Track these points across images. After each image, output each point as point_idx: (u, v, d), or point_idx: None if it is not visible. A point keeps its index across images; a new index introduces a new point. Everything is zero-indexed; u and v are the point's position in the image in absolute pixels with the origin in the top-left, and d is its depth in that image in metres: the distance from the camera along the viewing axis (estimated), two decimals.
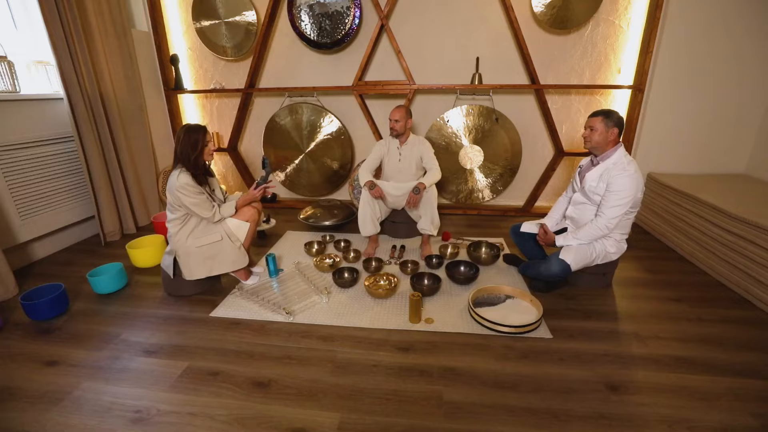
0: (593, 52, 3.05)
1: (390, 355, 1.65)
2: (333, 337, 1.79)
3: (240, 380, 1.53)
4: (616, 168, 1.88)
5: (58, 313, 1.97)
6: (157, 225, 2.81)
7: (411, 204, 2.46)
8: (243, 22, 3.18)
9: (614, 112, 1.91)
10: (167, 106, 3.44)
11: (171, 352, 1.70)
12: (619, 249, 2.03)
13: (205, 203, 1.99)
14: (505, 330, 1.76)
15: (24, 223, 2.40)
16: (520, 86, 3.01)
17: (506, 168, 3.29)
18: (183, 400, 1.43)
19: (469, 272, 2.27)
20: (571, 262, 1.93)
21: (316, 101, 3.37)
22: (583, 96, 3.19)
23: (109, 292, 2.16)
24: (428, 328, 1.83)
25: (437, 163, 2.62)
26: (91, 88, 2.63)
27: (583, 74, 3.12)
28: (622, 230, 2.01)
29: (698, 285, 2.21)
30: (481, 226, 3.18)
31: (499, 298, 2.04)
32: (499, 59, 3.15)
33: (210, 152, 2.07)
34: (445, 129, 3.24)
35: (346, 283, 2.17)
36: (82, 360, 1.65)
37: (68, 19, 2.44)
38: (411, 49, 3.23)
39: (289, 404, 1.41)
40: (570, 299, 2.06)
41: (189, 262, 2.03)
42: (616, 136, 1.92)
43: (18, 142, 2.35)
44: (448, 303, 2.03)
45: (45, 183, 2.51)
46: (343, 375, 1.55)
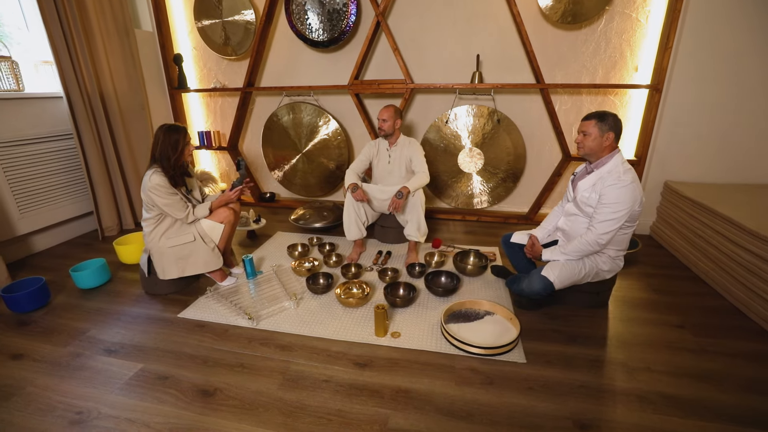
0: (607, 48, 2.81)
1: (345, 371, 1.56)
2: (292, 346, 1.72)
3: (187, 386, 1.49)
4: (610, 177, 1.69)
5: (39, 306, 2.02)
6: None
7: (393, 208, 2.35)
8: (242, 21, 3.18)
9: (609, 115, 1.72)
10: (171, 104, 3.50)
11: (130, 353, 1.69)
12: (613, 267, 1.83)
13: (178, 204, 1.98)
14: (474, 351, 1.62)
15: (23, 217, 2.51)
16: (523, 85, 2.82)
17: (508, 173, 3.11)
18: (125, 404, 1.41)
19: (450, 284, 2.14)
20: (555, 279, 1.76)
21: (313, 101, 3.33)
22: (595, 96, 2.95)
23: (91, 287, 2.21)
24: (393, 342, 1.72)
25: (426, 166, 2.49)
26: (91, 87, 2.70)
27: (595, 73, 2.88)
28: (617, 246, 1.81)
29: (710, 310, 1.96)
30: (478, 233, 3.01)
31: (478, 314, 1.90)
32: (504, 57, 2.97)
33: (190, 152, 2.06)
34: (444, 130, 3.09)
35: (319, 290, 2.10)
36: (46, 355, 1.68)
37: (68, 20, 2.52)
38: (411, 46, 3.11)
39: (227, 417, 1.35)
40: (556, 319, 1.89)
41: (162, 261, 2.03)
42: (612, 141, 1.72)
43: (18, 139, 2.45)
44: (422, 316, 1.91)
45: (44, 179, 2.61)
46: (290, 389, 1.47)
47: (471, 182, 3.20)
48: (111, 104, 2.88)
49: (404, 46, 3.12)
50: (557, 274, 1.76)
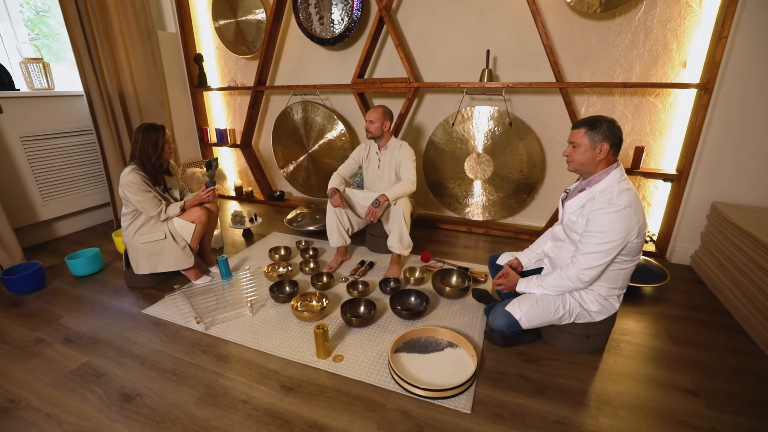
0: (647, 40, 2.35)
1: (268, 393, 1.45)
2: (230, 357, 1.65)
3: (114, 388, 1.49)
4: (601, 198, 1.37)
5: (34, 289, 2.19)
6: None
7: (369, 217, 2.19)
8: (254, 21, 3.20)
9: (603, 121, 1.39)
10: (192, 102, 3.66)
11: (85, 344, 1.75)
12: (605, 308, 1.50)
13: (151, 201, 2.01)
14: (415, 391, 1.41)
15: (45, 204, 2.76)
16: (539, 85, 2.47)
17: (521, 182, 2.76)
18: (52, 398, 1.44)
19: (419, 306, 1.92)
20: (522, 316, 1.48)
21: (319, 100, 3.26)
22: (630, 97, 2.50)
23: (84, 274, 2.35)
24: (331, 367, 1.57)
25: (413, 173, 2.29)
26: (111, 86, 2.89)
27: (631, 69, 2.43)
28: (611, 284, 1.47)
29: (741, 375, 1.53)
30: (481, 249, 2.73)
31: (438, 345, 1.67)
32: (521, 53, 2.64)
33: (170, 151, 2.09)
34: (452, 133, 2.84)
35: (281, 298, 2.01)
36: (15, 338, 1.79)
37: (90, 23, 2.71)
38: (420, 43, 2.90)
39: (132, 427, 1.31)
40: (531, 362, 1.60)
41: (135, 256, 2.09)
42: (608, 153, 1.40)
43: (44, 133, 2.69)
44: (376, 340, 1.73)
45: (66, 170, 2.85)
46: (205, 405, 1.40)
47: (478, 191, 2.91)
48: (130, 102, 3.06)
49: (413, 42, 2.92)
50: (525, 311, 1.48)
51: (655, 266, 2.16)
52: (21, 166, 2.61)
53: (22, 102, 2.58)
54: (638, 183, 2.64)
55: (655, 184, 2.60)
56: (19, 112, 2.57)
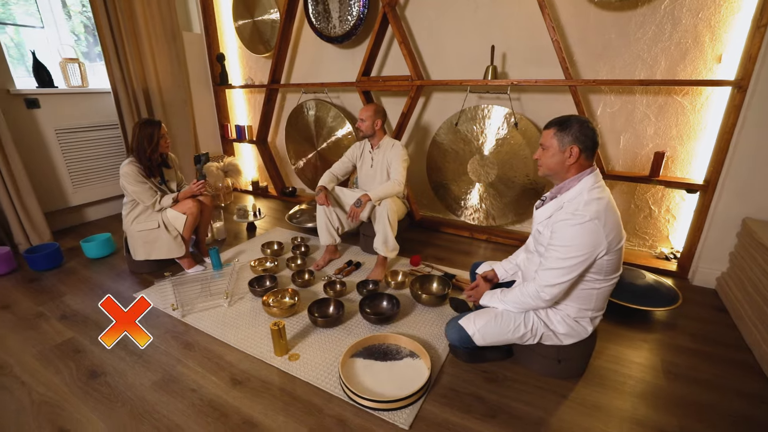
0: (674, 32, 2.08)
1: (217, 384, 1.48)
2: (194, 345, 1.70)
3: (86, 365, 1.59)
4: (568, 208, 1.23)
5: (51, 267, 2.42)
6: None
7: (350, 217, 2.15)
8: (269, 20, 3.29)
9: (574, 121, 1.24)
10: (214, 99, 3.85)
11: (76, 322, 1.89)
12: (574, 331, 1.34)
13: (146, 192, 2.13)
14: (356, 399, 1.36)
15: (75, 191, 3.04)
16: (546, 82, 2.27)
17: (527, 187, 2.58)
18: (32, 368, 1.57)
19: (389, 310, 1.86)
20: (476, 332, 1.37)
21: (327, 98, 3.27)
22: (654, 97, 2.23)
23: (96, 257, 2.55)
24: (284, 365, 1.56)
25: (402, 174, 2.22)
26: (136, 84, 3.11)
27: (655, 65, 2.17)
28: (582, 304, 1.32)
29: (749, 425, 1.30)
30: (479, 256, 2.58)
31: (398, 353, 1.60)
32: (532, 48, 2.45)
33: (166, 145, 2.20)
34: (456, 133, 2.72)
35: (258, 292, 2.04)
36: (21, 310, 1.99)
37: (119, 25, 2.93)
38: (427, 39, 2.80)
39: (88, 403, 1.39)
40: (492, 381, 1.48)
41: (133, 243, 2.23)
42: (578, 157, 1.25)
43: (77, 126, 2.96)
44: (337, 342, 1.70)
45: (95, 161, 3.11)
46: (158, 390, 1.45)
47: (482, 195, 2.76)
48: (155, 99, 3.28)
49: (421, 39, 2.83)
50: (480, 326, 1.36)
51: (665, 287, 1.91)
52: (55, 156, 2.89)
53: (57, 98, 2.85)
54: (661, 193, 2.36)
55: (682, 195, 2.30)
56: (54, 107, 2.84)
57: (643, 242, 2.52)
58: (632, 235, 2.53)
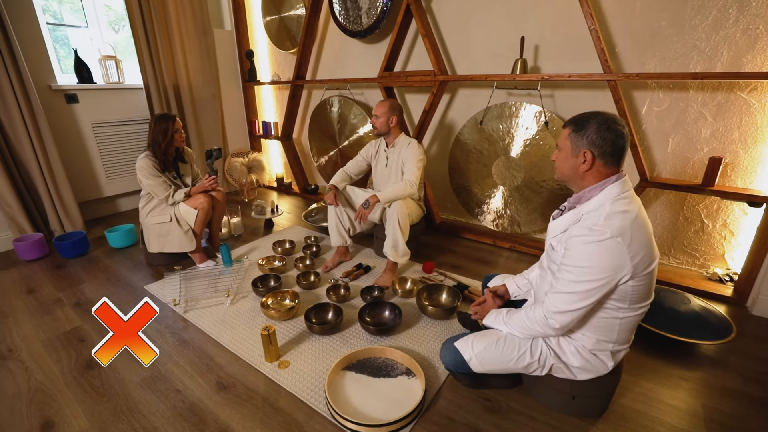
0: (741, 16, 1.77)
1: (203, 387, 1.43)
2: (189, 343, 1.68)
3: (84, 354, 1.61)
4: (586, 221, 1.04)
5: (78, 254, 2.53)
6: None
7: (358, 218, 2.05)
8: (295, 16, 3.26)
9: (592, 122, 1.05)
10: (243, 96, 3.90)
11: (87, 310, 1.94)
12: (591, 366, 1.15)
13: (160, 186, 2.15)
14: (340, 420, 1.25)
15: (109, 182, 3.19)
16: (580, 77, 2.03)
17: (556, 192, 2.34)
18: (37, 354, 1.61)
19: (391, 320, 1.74)
20: (473, 357, 1.20)
21: (350, 94, 3.19)
22: (712, 93, 1.92)
23: (119, 247, 2.64)
24: (272, 372, 1.49)
25: (415, 174, 2.09)
26: (168, 80, 3.21)
27: (715, 56, 1.86)
28: (601, 335, 1.12)
29: None
30: (500, 266, 2.39)
31: (393, 370, 1.48)
32: (569, 39, 2.21)
33: (181, 139, 2.22)
34: (479, 131, 2.53)
35: (261, 292, 2.00)
36: (43, 295, 2.08)
37: (152, 23, 3.03)
38: (454, 32, 2.63)
39: (76, 394, 1.40)
40: (494, 412, 1.31)
41: (147, 235, 2.27)
42: (592, 163, 1.05)
43: (110, 121, 3.10)
44: (331, 352, 1.60)
45: (127, 154, 3.25)
46: (144, 388, 1.43)
47: (506, 199, 2.55)
48: (185, 95, 3.37)
49: (447, 31, 2.66)
50: (478, 351, 1.20)
51: (715, 315, 1.63)
52: (91, 149, 3.04)
53: (94, 93, 3.00)
54: (716, 205, 2.03)
55: (743, 208, 1.97)
56: (92, 102, 2.99)
57: (692, 260, 2.20)
58: (680, 252, 2.22)
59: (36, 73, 2.66)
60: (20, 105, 2.49)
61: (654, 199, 2.21)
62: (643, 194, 2.17)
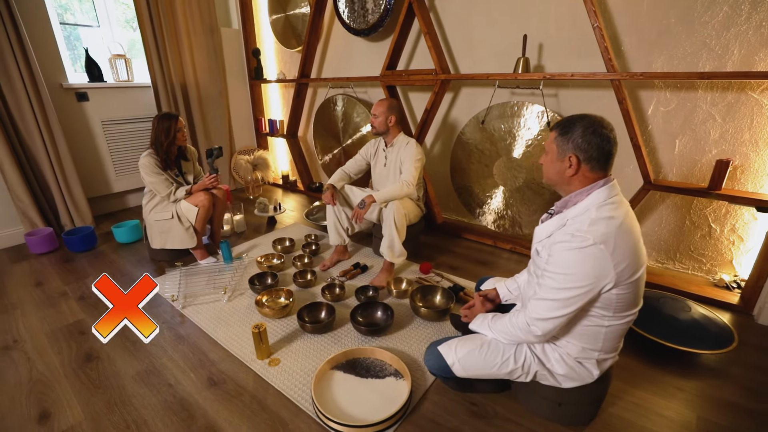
0: (754, 12, 1.69)
1: (194, 382, 1.46)
2: (186, 338, 1.71)
3: (84, 347, 1.66)
4: (570, 227, 1.01)
5: (86, 249, 2.61)
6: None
7: (354, 218, 2.05)
8: (300, 14, 3.27)
9: (578, 125, 1.02)
10: (250, 94, 3.94)
11: (90, 303, 1.99)
12: (575, 374, 1.12)
13: (162, 183, 2.20)
14: (324, 420, 1.26)
15: (118, 179, 3.27)
16: (583, 76, 1.97)
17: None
18: (40, 346, 1.67)
19: (383, 321, 1.74)
20: (455, 362, 1.19)
21: (353, 93, 3.19)
22: (722, 93, 1.84)
23: (125, 242, 2.71)
24: (262, 370, 1.51)
25: (413, 174, 2.08)
26: (175, 78, 3.26)
27: (725, 54, 1.79)
28: (586, 343, 1.10)
29: None
30: (499, 267, 2.36)
31: (382, 371, 1.48)
32: (574, 38, 2.16)
33: (183, 138, 2.26)
34: (481, 130, 2.49)
35: (257, 290, 2.02)
36: (50, 288, 2.15)
37: (160, 22, 3.08)
38: (457, 30, 2.60)
39: (74, 385, 1.44)
40: (480, 417, 1.30)
41: (150, 231, 2.32)
42: (577, 168, 1.03)
43: (119, 118, 3.17)
44: (321, 351, 1.61)
45: (136, 150, 3.31)
46: (138, 381, 1.47)
47: (507, 200, 2.51)
48: (192, 93, 3.42)
49: (451, 29, 2.63)
50: (461, 356, 1.19)
51: (717, 324, 1.57)
52: (101, 146, 3.12)
53: (104, 91, 3.07)
54: (724, 209, 1.96)
55: (753, 213, 1.90)
56: (101, 100, 3.06)
57: (699, 266, 2.13)
58: (686, 257, 2.15)
59: (47, 72, 2.74)
60: (32, 103, 2.57)
61: (660, 202, 2.14)
62: (649, 197, 2.11)
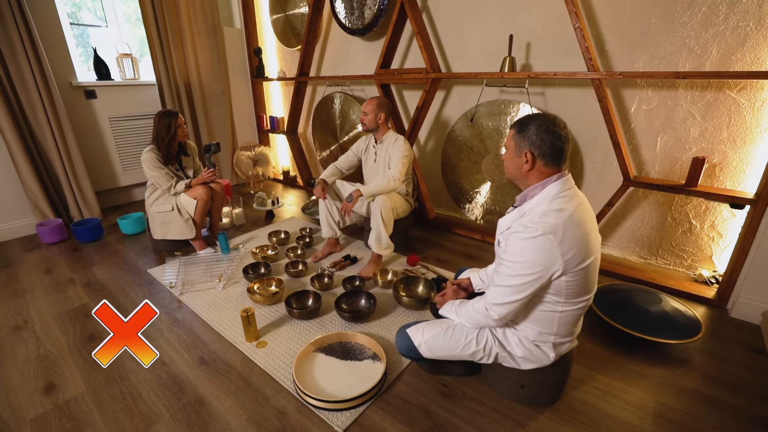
0: (731, 13, 1.73)
1: (186, 360, 1.57)
2: (181, 322, 1.83)
3: (88, 328, 1.79)
4: (523, 220, 1.09)
5: (93, 239, 2.75)
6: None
7: (342, 212, 2.14)
8: (299, 14, 3.36)
9: (532, 123, 1.09)
10: (252, 91, 4.05)
11: (95, 290, 2.12)
12: (533, 356, 1.20)
13: (163, 177, 2.32)
14: (302, 395, 1.36)
15: (124, 173, 3.41)
16: (566, 75, 2.02)
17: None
18: (48, 326, 1.80)
19: (366, 308, 1.83)
20: (422, 343, 1.28)
21: (349, 91, 3.27)
22: (701, 92, 1.88)
23: (130, 233, 2.85)
24: (250, 351, 1.62)
25: (399, 170, 2.16)
26: (179, 76, 3.39)
27: (704, 54, 1.83)
28: (542, 327, 1.17)
29: None
30: (488, 260, 2.43)
31: (361, 354, 1.57)
32: (560, 38, 2.21)
33: (183, 134, 2.37)
34: (470, 128, 2.56)
35: (250, 278, 2.13)
36: (59, 275, 2.29)
37: (165, 22, 3.20)
38: (449, 30, 2.66)
39: (77, 362, 1.57)
40: (448, 397, 1.39)
41: (152, 223, 2.45)
42: (533, 163, 1.10)
43: (126, 115, 3.31)
44: (306, 335, 1.71)
45: (141, 146, 3.44)
46: (134, 360, 1.58)
47: (495, 196, 2.57)
48: (195, 91, 3.54)
49: (443, 29, 2.69)
50: (428, 338, 1.28)
51: (685, 316, 1.63)
52: (108, 142, 3.26)
53: (111, 89, 3.21)
54: (704, 206, 2.00)
55: (731, 210, 1.93)
56: (109, 98, 3.20)
57: (680, 261, 2.17)
58: (667, 252, 2.20)
59: (58, 70, 2.88)
60: (43, 101, 2.71)
61: (642, 198, 2.19)
62: (632, 194, 2.16)
